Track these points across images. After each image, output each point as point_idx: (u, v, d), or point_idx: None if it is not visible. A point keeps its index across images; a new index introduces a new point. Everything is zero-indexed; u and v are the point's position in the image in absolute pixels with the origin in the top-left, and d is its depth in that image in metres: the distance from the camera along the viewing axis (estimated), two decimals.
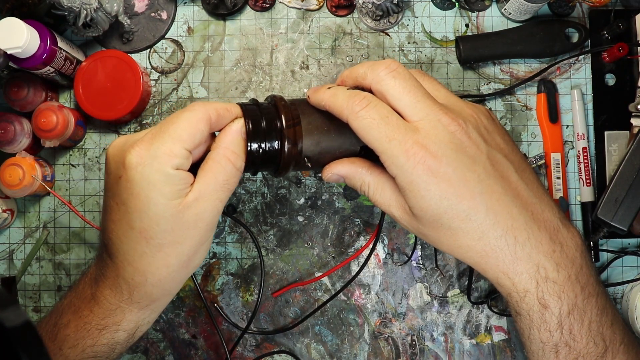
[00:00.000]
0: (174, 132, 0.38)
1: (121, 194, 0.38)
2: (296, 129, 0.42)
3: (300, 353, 0.56)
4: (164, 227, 0.38)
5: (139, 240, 0.39)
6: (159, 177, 0.37)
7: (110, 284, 0.41)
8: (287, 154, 0.41)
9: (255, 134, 0.41)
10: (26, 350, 0.26)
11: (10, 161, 0.53)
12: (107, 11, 0.54)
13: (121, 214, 0.39)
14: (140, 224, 0.38)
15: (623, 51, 0.55)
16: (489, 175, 0.39)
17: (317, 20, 0.59)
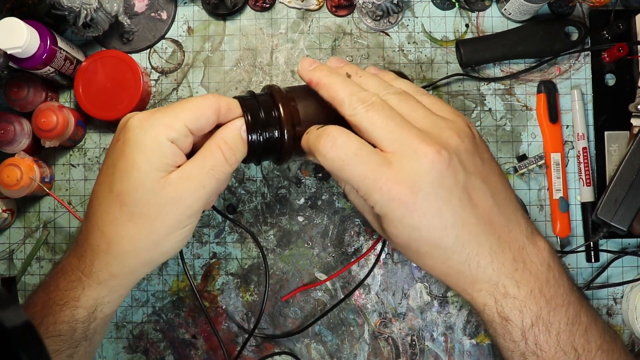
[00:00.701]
0: (179, 110, 0.39)
1: (113, 155, 0.39)
2: (293, 116, 0.43)
3: (300, 353, 0.56)
4: (141, 196, 0.38)
5: (113, 204, 0.39)
6: (150, 143, 0.38)
7: (78, 252, 0.41)
8: (287, 140, 0.42)
9: (254, 124, 0.42)
10: (26, 350, 0.26)
11: (9, 161, 0.53)
12: (107, 11, 0.54)
13: (107, 175, 0.40)
14: (119, 187, 0.38)
15: (623, 51, 0.55)
16: (464, 206, 0.38)
17: (317, 21, 0.59)
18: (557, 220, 0.57)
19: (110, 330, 0.57)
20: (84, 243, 0.41)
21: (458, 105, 0.58)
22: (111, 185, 0.39)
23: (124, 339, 0.57)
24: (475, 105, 0.58)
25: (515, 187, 0.58)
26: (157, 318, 0.57)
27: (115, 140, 0.40)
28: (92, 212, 0.40)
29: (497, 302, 0.40)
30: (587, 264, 0.57)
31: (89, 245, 0.40)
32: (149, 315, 0.57)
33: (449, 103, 0.58)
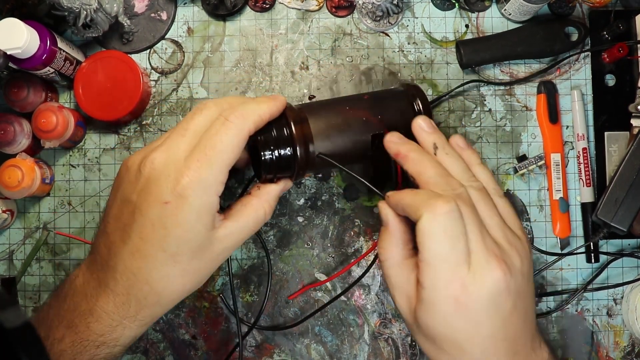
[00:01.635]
0: (221, 160, 0.39)
1: (163, 218, 0.38)
2: (305, 132, 0.44)
3: (300, 353, 0.56)
4: (196, 255, 0.40)
5: (167, 263, 0.39)
6: (206, 207, 0.39)
7: (117, 300, 0.40)
8: (300, 157, 0.44)
9: (266, 143, 0.43)
10: (26, 350, 0.26)
11: (10, 162, 0.53)
12: (107, 12, 0.54)
13: (156, 235, 0.39)
14: (175, 250, 0.39)
15: (623, 52, 0.55)
16: (504, 325, 0.40)
17: (317, 21, 0.59)
18: (557, 221, 0.57)
19: None
20: (125, 294, 0.40)
21: (458, 105, 0.58)
22: (164, 245, 0.39)
23: None
24: (475, 106, 0.58)
25: (515, 188, 0.58)
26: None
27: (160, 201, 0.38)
28: (135, 267, 0.39)
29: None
30: (587, 264, 0.57)
31: (133, 297, 0.40)
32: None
33: (449, 104, 0.58)
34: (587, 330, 0.57)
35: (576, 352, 0.57)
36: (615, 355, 0.57)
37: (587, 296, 0.57)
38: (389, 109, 0.47)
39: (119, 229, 0.40)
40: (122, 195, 0.41)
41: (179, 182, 0.38)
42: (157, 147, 0.40)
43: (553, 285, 0.57)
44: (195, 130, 0.40)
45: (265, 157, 0.43)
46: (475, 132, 0.58)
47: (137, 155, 0.42)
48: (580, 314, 0.57)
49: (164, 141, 0.41)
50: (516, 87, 0.58)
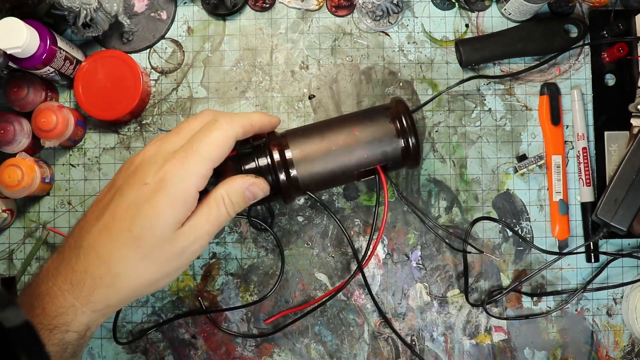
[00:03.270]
0: (206, 153, 0.41)
1: (138, 199, 0.39)
2: (287, 160, 0.47)
3: (300, 353, 0.56)
4: (158, 243, 0.40)
5: (129, 244, 0.39)
6: (181, 196, 0.40)
7: (73, 278, 0.40)
8: (283, 184, 0.47)
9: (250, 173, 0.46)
10: (25, 350, 0.26)
11: (10, 162, 0.53)
12: (106, 11, 0.54)
13: (127, 214, 0.39)
14: (140, 231, 0.39)
15: (623, 51, 0.55)
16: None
17: (317, 21, 0.59)
18: (557, 223, 0.56)
19: (110, 330, 0.57)
20: (82, 272, 0.40)
21: (458, 105, 0.58)
22: (130, 225, 0.39)
23: (124, 339, 0.57)
24: (475, 106, 0.58)
25: (515, 187, 0.58)
26: (156, 318, 0.57)
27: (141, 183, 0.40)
28: (99, 244, 0.40)
29: None
30: (587, 264, 0.57)
31: (89, 275, 0.40)
32: (149, 315, 0.57)
33: (449, 103, 0.58)
34: (587, 329, 0.57)
35: (576, 352, 0.57)
36: (615, 355, 0.57)
37: (587, 296, 0.57)
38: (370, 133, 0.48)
39: (97, 210, 0.41)
40: (111, 183, 0.43)
41: (162, 167, 0.40)
42: (152, 142, 0.43)
43: (553, 285, 0.57)
44: (190, 130, 0.43)
45: None
46: (475, 132, 0.58)
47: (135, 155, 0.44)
48: (580, 314, 0.57)
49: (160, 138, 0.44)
50: (516, 86, 0.58)
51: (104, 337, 0.57)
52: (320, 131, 0.48)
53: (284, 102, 0.58)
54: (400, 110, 0.48)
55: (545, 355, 0.56)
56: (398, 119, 0.48)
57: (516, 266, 0.57)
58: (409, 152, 0.48)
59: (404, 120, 0.48)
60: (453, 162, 0.58)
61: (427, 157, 0.58)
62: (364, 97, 0.58)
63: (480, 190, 0.58)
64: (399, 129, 0.48)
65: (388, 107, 0.50)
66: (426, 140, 0.58)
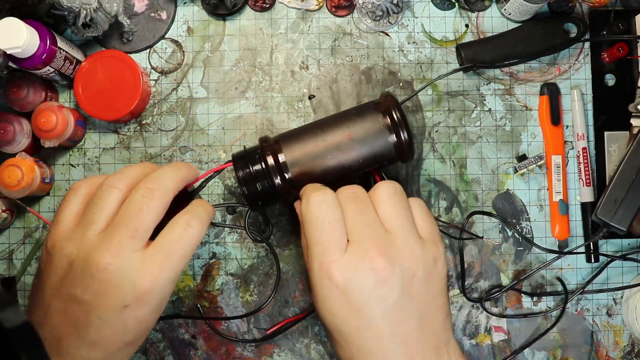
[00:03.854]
0: (183, 262, 0.41)
1: (124, 319, 0.39)
2: (280, 163, 0.47)
3: (300, 353, 0.56)
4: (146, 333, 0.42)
5: (125, 349, 0.41)
6: (164, 301, 0.41)
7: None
8: (279, 187, 0.47)
9: (245, 179, 0.47)
10: (25, 350, 0.26)
11: (10, 162, 0.53)
12: (106, 11, 0.54)
13: (115, 332, 0.39)
14: (133, 338, 0.41)
15: (623, 51, 0.55)
16: (385, 318, 0.40)
17: (316, 21, 0.59)
18: (556, 223, 0.56)
19: None
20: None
21: (458, 105, 0.58)
22: (122, 337, 0.40)
23: None
24: (475, 105, 0.58)
25: (515, 187, 0.58)
26: None
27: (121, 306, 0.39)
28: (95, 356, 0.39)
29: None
30: (586, 264, 0.57)
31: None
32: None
33: (449, 103, 0.58)
34: (587, 329, 0.57)
35: (576, 352, 0.57)
36: (615, 355, 0.57)
37: (587, 296, 0.57)
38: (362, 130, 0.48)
39: (70, 325, 0.39)
40: (68, 292, 0.39)
41: (139, 288, 0.39)
42: (104, 247, 0.39)
43: (553, 285, 0.57)
44: (145, 230, 0.40)
45: (247, 191, 0.47)
46: (475, 132, 0.58)
47: (73, 246, 0.40)
48: (580, 314, 0.57)
49: (109, 237, 0.39)
50: (516, 86, 0.58)
51: None
52: (314, 132, 0.49)
53: (283, 102, 0.58)
54: (390, 104, 0.48)
55: (545, 355, 0.56)
56: (388, 113, 0.48)
57: (516, 266, 0.57)
58: (402, 146, 0.48)
59: (394, 114, 0.48)
60: (453, 162, 0.58)
61: (427, 157, 0.58)
62: (364, 97, 0.58)
63: (480, 191, 0.58)
64: (389, 123, 0.48)
65: (378, 102, 0.50)
66: (426, 140, 0.58)
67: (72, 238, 0.41)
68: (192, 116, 0.58)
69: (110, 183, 0.41)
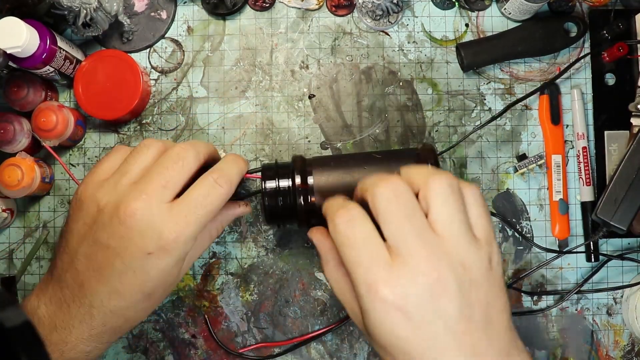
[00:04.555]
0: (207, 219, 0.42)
1: (145, 266, 0.40)
2: (308, 186, 0.47)
3: (300, 353, 0.56)
4: (167, 289, 0.44)
5: (143, 301, 0.42)
6: (184, 256, 0.42)
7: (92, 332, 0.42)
8: (300, 208, 0.47)
9: (269, 192, 0.47)
10: (26, 350, 0.26)
11: (10, 162, 0.53)
12: (106, 11, 0.54)
13: (137, 280, 0.40)
14: (152, 290, 0.42)
15: (623, 51, 0.55)
16: (449, 331, 0.36)
17: (316, 20, 0.59)
18: (557, 223, 0.57)
19: None
20: (101, 326, 0.42)
21: (458, 104, 0.58)
22: (142, 288, 0.41)
23: (123, 338, 0.57)
24: (475, 105, 0.58)
25: (515, 187, 0.58)
26: (156, 318, 0.57)
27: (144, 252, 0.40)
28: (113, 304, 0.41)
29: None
30: (586, 263, 0.57)
31: (110, 328, 0.42)
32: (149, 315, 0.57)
33: (449, 103, 0.58)
34: (587, 329, 0.57)
35: (576, 351, 0.57)
36: (615, 354, 0.57)
37: (587, 295, 0.57)
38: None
39: (94, 270, 0.41)
40: (94, 237, 0.41)
41: (164, 237, 0.40)
42: (135, 194, 0.40)
43: (553, 284, 0.57)
44: (177, 182, 0.42)
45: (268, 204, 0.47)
46: (475, 132, 0.58)
47: (105, 193, 0.41)
48: (580, 313, 0.57)
49: (141, 186, 0.41)
50: (516, 86, 0.58)
51: None
52: (348, 167, 0.48)
53: (284, 101, 0.58)
54: (429, 157, 0.48)
55: (545, 354, 0.56)
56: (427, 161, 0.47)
57: (516, 265, 0.57)
58: None
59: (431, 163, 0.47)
60: (453, 162, 0.58)
61: None
62: (364, 96, 0.58)
63: (480, 190, 0.57)
64: None
65: (418, 152, 0.49)
66: (426, 140, 0.58)
67: (104, 186, 0.42)
68: (192, 116, 0.58)
69: (147, 142, 0.44)
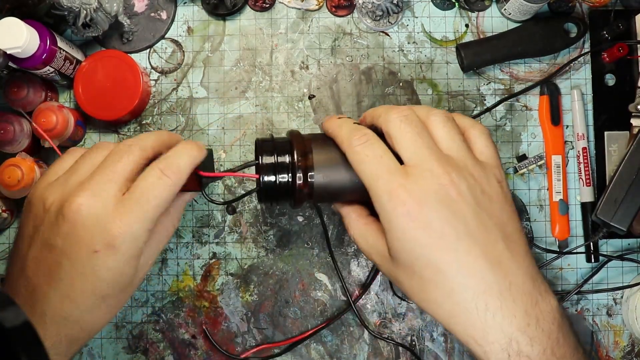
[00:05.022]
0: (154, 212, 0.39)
1: (93, 266, 0.38)
2: (307, 162, 0.43)
3: (300, 353, 0.56)
4: (123, 290, 0.40)
5: (97, 304, 0.39)
6: (135, 254, 0.39)
7: (47, 343, 0.39)
8: (299, 187, 0.43)
9: (267, 167, 0.43)
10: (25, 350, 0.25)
11: (10, 162, 0.53)
12: (106, 11, 0.54)
13: (87, 281, 0.38)
14: (105, 291, 0.39)
15: (623, 51, 0.55)
16: (470, 235, 0.38)
17: (316, 21, 0.59)
18: (557, 223, 0.57)
19: (110, 330, 0.57)
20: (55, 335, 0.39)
21: (458, 105, 0.58)
22: (94, 289, 0.39)
23: (123, 339, 0.57)
24: (475, 105, 0.58)
25: (515, 187, 0.58)
26: (156, 318, 0.57)
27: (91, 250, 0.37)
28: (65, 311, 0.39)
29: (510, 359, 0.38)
30: (586, 264, 0.57)
31: (64, 337, 0.39)
32: (149, 315, 0.57)
33: (449, 103, 0.58)
34: (587, 329, 0.57)
35: None
36: (615, 355, 0.57)
37: (587, 296, 0.57)
38: None
39: (43, 274, 0.39)
40: (42, 238, 0.39)
41: (109, 233, 0.37)
42: (81, 189, 0.39)
43: (553, 285, 0.57)
44: (124, 175, 0.39)
45: (264, 180, 0.43)
46: None
47: (52, 192, 0.40)
48: (580, 314, 0.57)
49: (88, 181, 0.39)
50: (516, 86, 0.58)
51: (104, 337, 0.57)
52: None
53: (284, 102, 0.58)
54: None
55: None
56: None
57: None
58: None
59: None
60: None
61: None
62: (364, 97, 0.58)
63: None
64: None
65: None
66: None
67: (53, 185, 0.40)
68: (192, 116, 0.58)
69: (100, 144, 0.42)
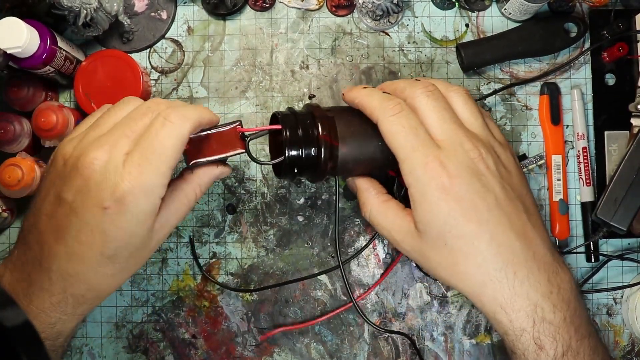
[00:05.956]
0: (162, 162, 0.37)
1: (102, 223, 0.37)
2: (332, 136, 0.43)
3: (300, 353, 0.56)
4: (133, 254, 0.39)
5: (104, 264, 0.38)
6: (146, 212, 0.38)
7: (53, 300, 0.39)
8: (324, 159, 0.43)
9: (292, 141, 0.43)
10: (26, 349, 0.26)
11: (10, 162, 0.53)
12: (107, 11, 0.54)
13: (95, 239, 0.37)
14: (113, 252, 0.38)
15: (623, 51, 0.55)
16: (499, 207, 0.40)
17: (317, 20, 0.59)
18: (557, 223, 0.57)
19: (110, 330, 0.57)
20: (61, 292, 0.39)
21: None
22: (102, 249, 0.38)
23: (123, 338, 0.57)
24: None
25: None
26: (157, 318, 0.57)
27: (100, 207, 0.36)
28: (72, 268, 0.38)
29: (534, 327, 0.39)
30: (586, 263, 0.57)
31: (70, 295, 0.39)
32: (149, 315, 0.57)
33: None
34: None
35: None
36: (615, 355, 0.57)
37: (587, 295, 0.57)
38: None
39: (53, 229, 0.38)
40: (55, 192, 0.38)
41: (119, 187, 0.36)
42: (97, 144, 0.38)
43: None
44: (139, 131, 0.38)
45: (289, 154, 0.43)
46: None
47: (72, 146, 0.39)
48: None
49: (105, 137, 0.38)
50: (516, 86, 0.58)
51: (104, 337, 0.57)
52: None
53: (284, 101, 0.58)
54: None
55: None
56: None
57: None
58: None
59: None
60: None
61: None
62: None
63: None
64: None
65: None
66: None
67: (74, 140, 0.40)
68: None
69: (127, 99, 0.42)
